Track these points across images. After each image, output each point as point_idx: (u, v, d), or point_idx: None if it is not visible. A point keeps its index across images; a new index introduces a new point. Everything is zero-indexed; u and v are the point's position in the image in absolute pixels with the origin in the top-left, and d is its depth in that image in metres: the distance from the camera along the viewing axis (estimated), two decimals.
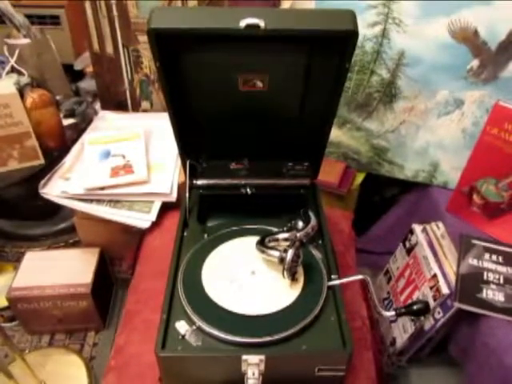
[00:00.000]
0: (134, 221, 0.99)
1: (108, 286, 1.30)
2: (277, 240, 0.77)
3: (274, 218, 0.87)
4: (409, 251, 1.12)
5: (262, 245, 0.74)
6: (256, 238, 0.77)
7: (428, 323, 1.01)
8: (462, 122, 1.12)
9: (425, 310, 0.64)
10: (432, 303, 0.98)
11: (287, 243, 0.76)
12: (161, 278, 0.73)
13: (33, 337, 1.21)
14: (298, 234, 0.77)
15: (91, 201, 1.00)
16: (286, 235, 0.77)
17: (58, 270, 1.15)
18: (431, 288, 0.99)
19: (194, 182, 0.93)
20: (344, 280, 0.72)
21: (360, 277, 0.72)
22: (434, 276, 0.99)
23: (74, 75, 1.63)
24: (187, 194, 0.88)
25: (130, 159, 1.05)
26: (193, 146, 0.88)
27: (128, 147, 1.09)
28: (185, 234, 0.83)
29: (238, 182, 0.93)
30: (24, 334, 1.21)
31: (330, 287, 0.72)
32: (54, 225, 1.42)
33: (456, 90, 1.08)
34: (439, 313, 0.97)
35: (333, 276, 0.73)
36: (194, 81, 0.75)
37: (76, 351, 1.16)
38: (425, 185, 1.24)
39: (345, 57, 0.67)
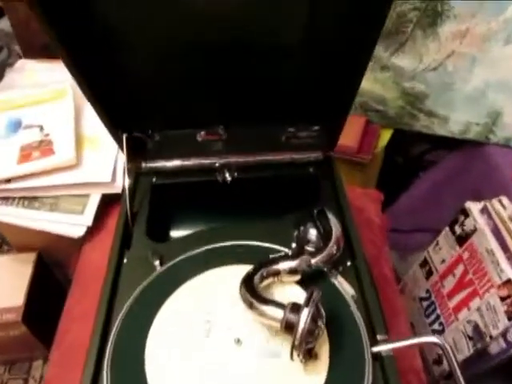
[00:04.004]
0: (60, 227, 0.66)
1: (53, 296, 0.98)
2: (277, 274, 0.44)
3: (269, 221, 0.53)
4: (461, 240, 0.80)
5: (249, 290, 0.41)
6: (242, 268, 0.44)
7: (496, 346, 0.72)
8: None
9: None
10: (505, 322, 0.68)
11: (295, 278, 0.44)
12: None
13: None
14: (314, 261, 0.44)
15: None
16: (292, 264, 0.44)
17: None
18: (503, 299, 0.69)
19: (143, 164, 0.60)
20: (398, 344, 0.40)
21: (433, 339, 0.40)
22: (508, 282, 0.68)
23: None
24: (126, 184, 0.55)
25: (49, 132, 0.71)
26: (132, 109, 0.54)
27: (48, 114, 0.74)
28: (124, 260, 0.50)
29: (210, 161, 0.60)
30: None
31: (375, 355, 0.40)
32: None
33: None
34: None
35: (379, 336, 0.42)
36: None
37: None
38: (477, 143, 0.90)
39: None
